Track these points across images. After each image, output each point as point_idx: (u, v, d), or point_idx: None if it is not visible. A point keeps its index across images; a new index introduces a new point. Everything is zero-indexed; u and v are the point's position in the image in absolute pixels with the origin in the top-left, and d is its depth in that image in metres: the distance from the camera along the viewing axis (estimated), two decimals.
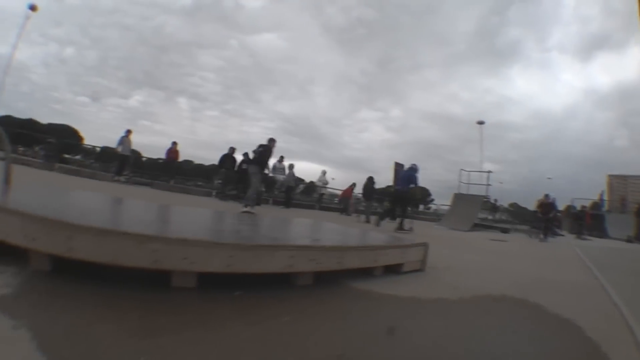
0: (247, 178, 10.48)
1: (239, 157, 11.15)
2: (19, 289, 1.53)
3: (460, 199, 14.07)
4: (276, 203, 12.49)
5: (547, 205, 11.44)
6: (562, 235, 14.10)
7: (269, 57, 72.35)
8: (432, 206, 30.46)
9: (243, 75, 76.31)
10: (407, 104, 66.80)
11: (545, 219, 11.21)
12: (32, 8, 17.80)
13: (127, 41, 71.15)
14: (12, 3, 55.07)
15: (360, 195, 13.27)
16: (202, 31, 73.09)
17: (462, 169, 15.99)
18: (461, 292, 2.45)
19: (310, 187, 21.68)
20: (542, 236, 10.61)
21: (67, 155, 20.11)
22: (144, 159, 17.95)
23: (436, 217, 18.13)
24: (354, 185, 14.13)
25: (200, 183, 18.49)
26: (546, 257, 6.10)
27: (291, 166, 12.22)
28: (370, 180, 11.82)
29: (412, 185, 8.52)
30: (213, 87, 76.02)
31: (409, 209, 10.60)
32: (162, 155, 13.13)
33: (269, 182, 12.11)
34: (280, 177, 12.00)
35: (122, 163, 11.61)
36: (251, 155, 10.54)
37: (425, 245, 3.00)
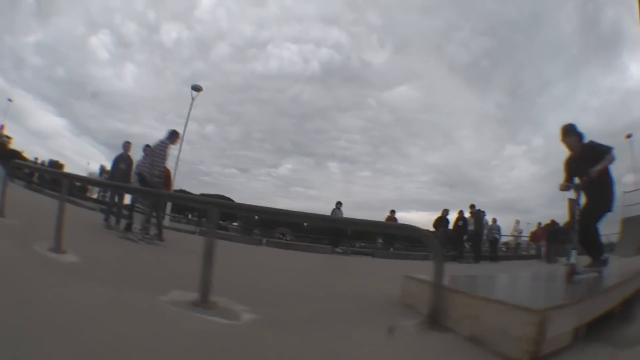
0: (462, 236, 13.07)
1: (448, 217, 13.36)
2: None
3: (630, 223, 13.83)
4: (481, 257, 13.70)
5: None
6: None
7: (407, 109, 77.86)
8: None
9: (387, 132, 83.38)
10: (546, 129, 65.23)
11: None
12: (196, 89, 19.37)
13: (267, 114, 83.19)
14: (142, 90, 69.98)
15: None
16: (338, 95, 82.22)
17: (623, 192, 15.48)
18: None
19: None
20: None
21: (223, 222, 22.96)
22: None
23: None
24: (540, 225, 15.66)
25: (362, 244, 21.22)
26: None
27: (495, 220, 14.18)
28: (554, 223, 13.74)
29: None
30: (361, 147, 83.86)
31: None
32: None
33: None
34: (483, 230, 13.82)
35: (338, 235, 13.86)
36: (466, 214, 13.16)
37: None
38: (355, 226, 6.38)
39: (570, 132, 4.56)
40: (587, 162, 4.22)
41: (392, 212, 14.62)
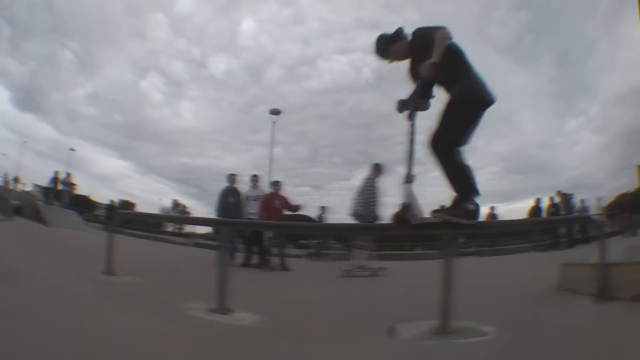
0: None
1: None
2: None
3: None
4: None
5: None
6: None
7: None
8: None
9: None
10: (600, 94, 63.57)
11: None
12: (275, 112, 20.05)
13: (330, 128, 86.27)
14: (201, 124, 73.92)
15: None
16: (395, 98, 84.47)
17: None
18: None
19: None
20: None
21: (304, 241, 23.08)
22: None
23: None
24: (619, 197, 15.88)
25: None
26: None
27: (583, 201, 14.60)
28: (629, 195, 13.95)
29: None
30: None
31: None
32: None
33: None
34: None
35: None
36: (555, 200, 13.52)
37: None
38: (527, 227, 7.03)
39: (386, 45, 3.40)
40: (425, 56, 3.00)
41: (492, 208, 14.85)
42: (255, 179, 9.25)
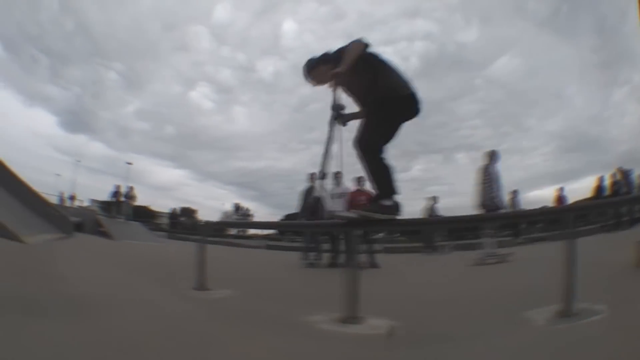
0: None
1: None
2: None
3: None
4: None
5: None
6: None
7: (514, 80, 77.01)
8: None
9: (504, 109, 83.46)
10: None
11: None
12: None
13: None
14: (255, 127, 75.14)
15: None
16: (446, 84, 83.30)
17: None
18: None
19: None
20: None
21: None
22: None
23: None
24: None
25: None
26: None
27: None
28: None
29: None
30: (483, 132, 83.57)
31: None
32: None
33: None
34: None
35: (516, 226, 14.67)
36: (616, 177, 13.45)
37: None
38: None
39: (311, 68, 3.46)
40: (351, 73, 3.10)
41: (560, 189, 14.54)
42: (338, 175, 8.72)
